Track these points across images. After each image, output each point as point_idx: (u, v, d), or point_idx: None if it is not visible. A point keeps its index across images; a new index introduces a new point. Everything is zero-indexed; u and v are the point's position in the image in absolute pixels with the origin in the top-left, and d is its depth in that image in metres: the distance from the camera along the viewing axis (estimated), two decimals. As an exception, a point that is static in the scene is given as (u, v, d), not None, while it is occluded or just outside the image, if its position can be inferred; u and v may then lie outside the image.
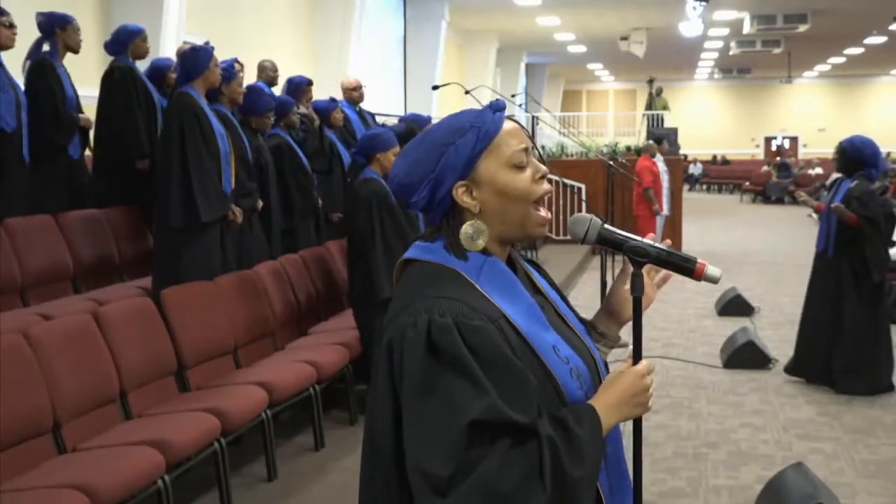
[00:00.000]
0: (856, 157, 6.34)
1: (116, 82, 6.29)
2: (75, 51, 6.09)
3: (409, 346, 1.51)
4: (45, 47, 5.95)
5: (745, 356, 7.04)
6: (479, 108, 1.69)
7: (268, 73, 7.83)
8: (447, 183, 1.62)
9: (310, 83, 7.70)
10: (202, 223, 5.21)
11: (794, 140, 37.09)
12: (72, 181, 6.07)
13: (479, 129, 1.63)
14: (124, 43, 6.40)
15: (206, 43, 5.49)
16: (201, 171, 5.21)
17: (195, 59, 5.36)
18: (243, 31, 11.02)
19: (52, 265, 5.52)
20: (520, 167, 1.64)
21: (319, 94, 9.16)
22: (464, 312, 1.53)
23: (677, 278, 1.73)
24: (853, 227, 6.24)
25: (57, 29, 5.94)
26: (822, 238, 6.51)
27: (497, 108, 1.67)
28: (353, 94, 8.38)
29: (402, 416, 1.51)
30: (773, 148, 35.92)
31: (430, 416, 1.47)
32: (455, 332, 1.51)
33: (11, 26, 5.54)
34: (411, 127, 7.05)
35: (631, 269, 1.73)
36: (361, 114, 8.49)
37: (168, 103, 5.69)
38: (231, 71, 5.73)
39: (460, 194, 1.63)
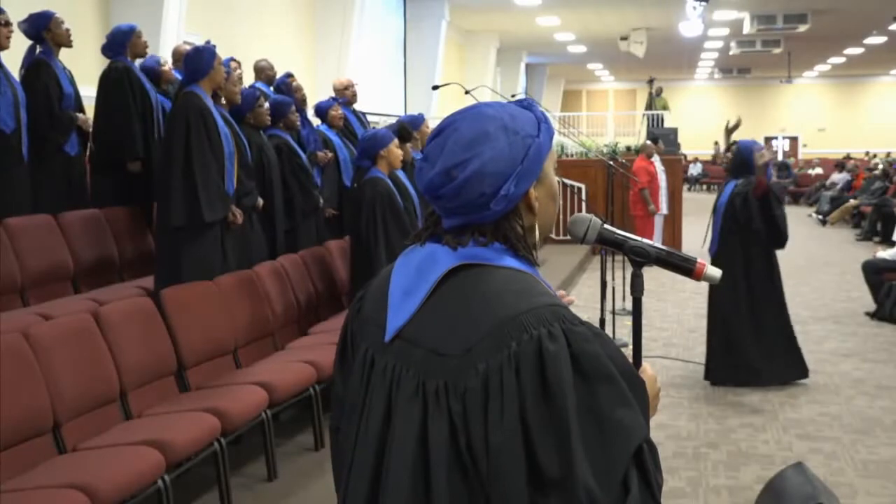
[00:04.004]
0: (748, 160, 6.42)
1: (112, 82, 6.27)
2: (67, 45, 6.03)
3: (551, 360, 1.35)
4: (38, 49, 5.93)
5: (744, 356, 7.03)
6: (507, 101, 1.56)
7: (266, 73, 7.83)
8: (530, 178, 1.46)
9: (289, 76, 7.69)
10: (203, 223, 5.19)
11: (794, 140, 37.06)
12: (70, 179, 6.06)
13: (548, 124, 1.51)
14: (121, 44, 6.37)
15: (208, 42, 5.47)
16: (205, 171, 5.19)
17: (198, 59, 5.31)
18: (243, 31, 11.02)
19: (52, 265, 5.53)
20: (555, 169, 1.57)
21: (320, 94, 9.16)
22: (584, 320, 1.42)
23: (677, 278, 1.72)
24: (762, 192, 6.45)
25: (42, 31, 5.91)
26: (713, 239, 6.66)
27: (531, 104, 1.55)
28: (346, 93, 8.41)
29: (558, 434, 1.34)
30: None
31: (595, 438, 1.35)
32: (595, 342, 1.39)
33: (7, 24, 5.52)
34: (404, 125, 7.07)
35: None
36: (356, 114, 8.52)
37: (173, 103, 5.66)
38: (226, 70, 5.70)
39: (534, 192, 1.49)
